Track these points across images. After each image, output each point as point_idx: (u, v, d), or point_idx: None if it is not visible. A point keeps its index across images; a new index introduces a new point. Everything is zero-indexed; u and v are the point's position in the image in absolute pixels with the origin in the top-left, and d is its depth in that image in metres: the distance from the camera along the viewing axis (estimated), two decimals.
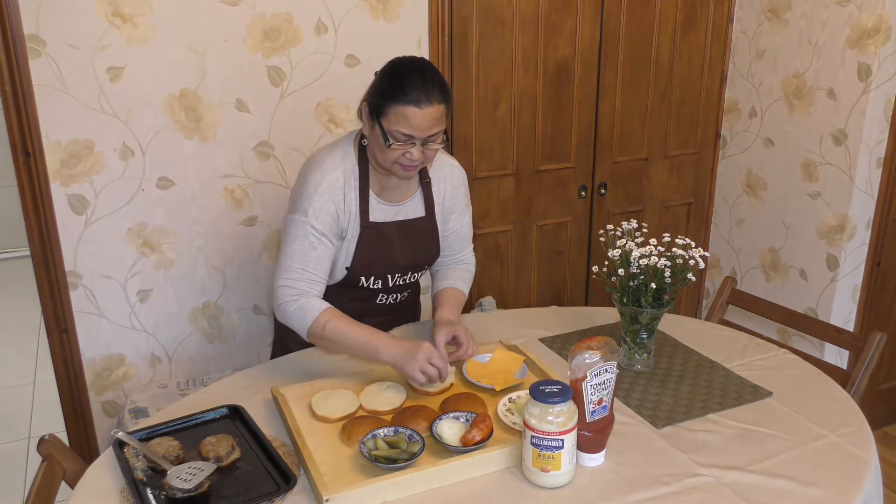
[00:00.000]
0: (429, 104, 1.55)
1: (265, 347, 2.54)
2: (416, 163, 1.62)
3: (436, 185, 1.82)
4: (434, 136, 1.60)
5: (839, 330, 2.05)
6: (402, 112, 1.55)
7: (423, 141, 1.59)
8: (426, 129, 1.57)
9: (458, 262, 1.93)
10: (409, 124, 1.56)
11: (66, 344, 2.25)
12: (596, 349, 1.38)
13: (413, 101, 1.54)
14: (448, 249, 1.90)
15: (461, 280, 1.89)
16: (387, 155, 1.61)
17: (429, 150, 1.62)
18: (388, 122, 1.58)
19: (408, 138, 1.58)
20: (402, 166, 1.63)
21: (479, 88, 2.65)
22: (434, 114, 1.57)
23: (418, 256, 1.84)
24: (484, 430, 1.41)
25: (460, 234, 1.89)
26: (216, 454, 1.39)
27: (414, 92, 1.55)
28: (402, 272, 1.83)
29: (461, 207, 1.88)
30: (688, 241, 1.73)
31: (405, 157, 1.60)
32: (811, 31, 2.70)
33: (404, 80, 1.56)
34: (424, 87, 1.55)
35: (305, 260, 1.67)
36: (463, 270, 1.92)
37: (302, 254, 1.67)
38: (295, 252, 1.67)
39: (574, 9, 2.72)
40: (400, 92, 1.55)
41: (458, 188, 1.85)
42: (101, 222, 2.21)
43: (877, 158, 2.65)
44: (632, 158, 3.03)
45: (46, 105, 2.06)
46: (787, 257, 2.93)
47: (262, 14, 2.24)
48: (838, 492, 1.34)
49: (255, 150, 2.35)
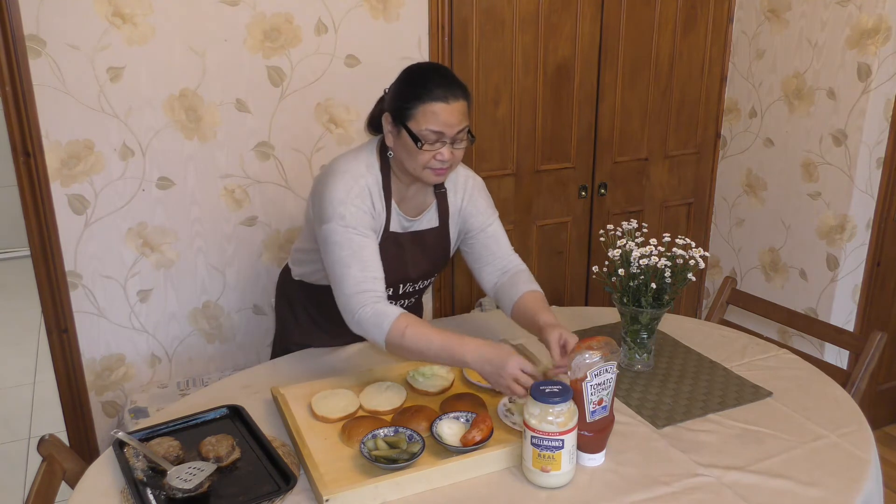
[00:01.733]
0: (455, 99, 1.56)
1: (265, 347, 2.54)
2: (447, 164, 1.60)
3: (451, 195, 1.80)
4: (461, 133, 1.59)
5: (839, 330, 2.05)
6: (431, 109, 1.55)
7: (451, 139, 1.58)
8: (455, 125, 1.57)
9: (513, 269, 1.82)
10: (438, 121, 1.55)
11: (66, 344, 2.25)
12: (596, 349, 1.39)
13: (440, 97, 1.55)
14: (491, 255, 1.81)
15: (530, 282, 1.77)
16: (418, 160, 1.59)
17: (457, 150, 1.61)
18: (416, 124, 1.57)
19: (438, 136, 1.57)
20: (434, 170, 1.61)
21: (479, 88, 2.65)
22: (461, 108, 1.57)
23: (429, 266, 1.82)
24: (484, 430, 1.41)
25: (497, 237, 1.82)
26: (216, 454, 1.39)
27: (438, 89, 1.55)
28: (413, 282, 1.82)
29: (485, 212, 1.82)
30: (688, 241, 1.73)
31: (436, 158, 1.59)
32: (811, 31, 2.70)
33: (426, 79, 1.57)
34: (447, 83, 1.57)
35: (361, 262, 1.59)
36: (524, 274, 1.80)
37: (355, 257, 1.59)
38: (346, 259, 1.59)
39: (574, 9, 2.72)
40: (424, 91, 1.56)
41: (477, 197, 1.82)
42: (101, 222, 2.21)
43: (877, 158, 2.65)
44: (632, 158, 3.03)
45: (46, 105, 2.06)
46: (787, 257, 2.93)
47: (262, 14, 2.24)
48: (838, 492, 1.34)
49: (255, 150, 2.35)
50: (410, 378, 1.68)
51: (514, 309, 1.74)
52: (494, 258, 1.82)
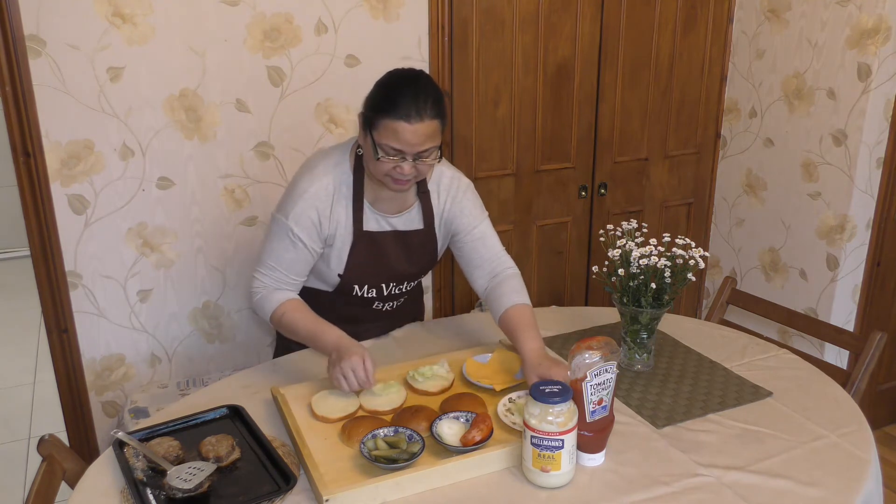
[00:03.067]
0: (419, 120, 1.51)
1: (265, 347, 2.54)
2: (408, 177, 1.59)
3: (435, 197, 1.78)
4: (426, 152, 1.56)
5: (839, 330, 2.05)
6: (392, 126, 1.52)
7: (413, 157, 1.56)
8: (416, 146, 1.53)
9: (502, 274, 1.79)
10: (398, 139, 1.53)
11: (66, 344, 2.25)
12: (596, 349, 1.38)
13: (403, 116, 1.51)
14: (480, 258, 1.79)
15: (517, 292, 1.74)
16: (377, 167, 1.59)
17: (421, 165, 1.58)
18: (378, 136, 1.55)
19: (397, 153, 1.54)
20: (394, 180, 1.60)
21: (479, 88, 2.65)
22: (424, 130, 1.53)
23: (413, 267, 1.81)
24: (484, 430, 1.41)
25: (484, 239, 1.79)
26: (216, 454, 1.39)
27: (404, 107, 1.51)
28: (398, 281, 1.81)
29: (471, 213, 1.78)
30: (688, 241, 1.73)
31: (396, 171, 1.58)
32: (811, 31, 2.70)
33: (396, 93, 1.53)
34: (416, 102, 1.51)
35: (279, 260, 1.71)
36: (512, 280, 1.77)
37: (277, 254, 1.71)
38: (272, 251, 1.71)
39: (574, 9, 2.72)
40: (391, 105, 1.52)
41: (461, 199, 1.78)
42: (101, 222, 2.21)
43: (877, 158, 2.65)
44: (632, 158, 3.03)
45: (46, 105, 2.06)
46: (787, 257, 2.93)
47: (262, 14, 2.24)
48: (838, 492, 1.34)
49: (255, 150, 2.35)
50: (410, 378, 1.68)
51: (500, 323, 1.74)
52: (483, 261, 1.80)
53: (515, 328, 1.66)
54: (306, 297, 1.86)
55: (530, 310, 1.72)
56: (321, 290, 1.83)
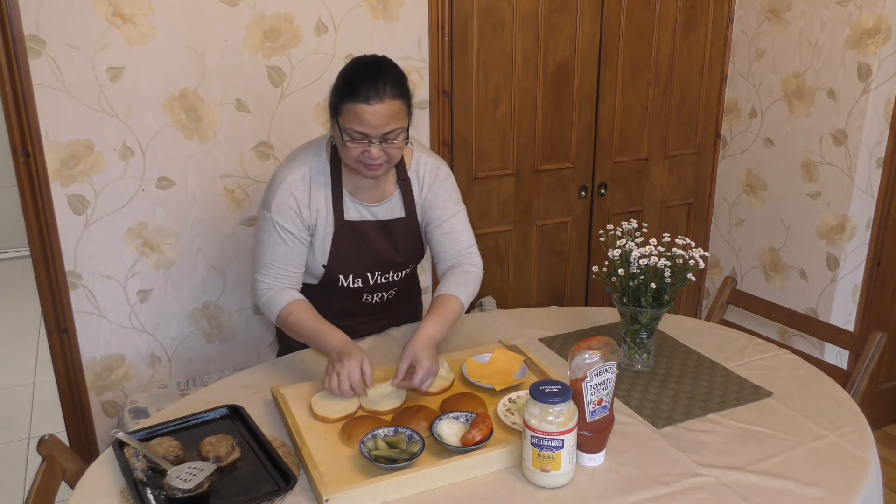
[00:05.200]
0: (379, 101, 1.54)
1: (265, 347, 2.54)
2: (378, 161, 1.60)
3: (415, 186, 1.79)
4: (391, 134, 1.58)
5: (839, 330, 2.05)
6: (353, 110, 1.55)
7: (380, 139, 1.57)
8: (379, 127, 1.56)
9: (460, 265, 1.81)
10: (360, 122, 1.55)
11: (66, 344, 2.24)
12: (596, 349, 1.38)
13: (363, 98, 1.54)
14: (444, 253, 1.82)
15: (457, 283, 1.76)
16: (347, 154, 1.61)
17: (390, 149, 1.60)
18: (343, 121, 1.58)
19: (362, 136, 1.57)
20: (365, 166, 1.61)
21: (479, 88, 2.65)
22: (386, 110, 1.55)
23: (398, 256, 1.82)
24: (484, 430, 1.41)
25: (452, 234, 1.80)
26: (216, 454, 1.39)
27: (364, 89, 1.54)
28: (383, 271, 1.82)
29: (445, 206, 1.79)
30: (688, 241, 1.73)
31: (364, 155, 1.59)
32: (811, 31, 2.70)
33: (356, 77, 1.56)
34: (375, 83, 1.54)
35: (274, 256, 1.73)
36: (461, 273, 1.79)
37: (270, 250, 1.73)
38: (264, 247, 1.74)
39: (574, 9, 2.72)
40: (351, 89, 1.55)
41: (437, 189, 1.78)
42: (101, 222, 2.21)
43: (877, 158, 2.65)
44: (632, 158, 3.03)
45: (46, 105, 2.06)
46: (787, 257, 2.93)
47: (262, 14, 2.24)
48: (838, 492, 1.34)
49: (255, 150, 2.35)
50: None
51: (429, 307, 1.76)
52: (447, 255, 1.82)
53: (430, 311, 1.71)
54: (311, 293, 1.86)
55: (456, 302, 1.74)
56: (309, 284, 1.84)
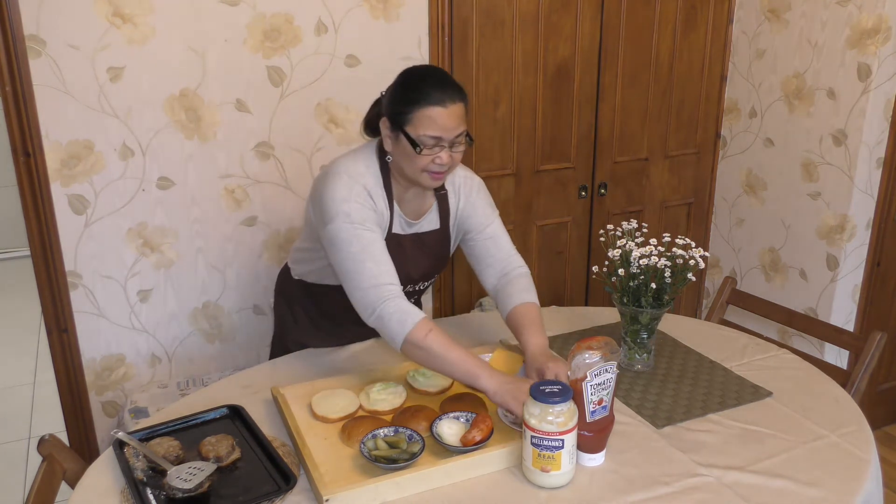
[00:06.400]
0: (452, 102, 1.56)
1: (265, 347, 2.54)
2: (445, 167, 1.60)
3: (451, 197, 1.80)
4: (460, 137, 1.59)
5: (839, 330, 2.05)
6: (428, 114, 1.54)
7: (450, 143, 1.58)
8: (453, 129, 1.56)
9: (512, 272, 1.80)
10: (435, 125, 1.55)
11: (66, 344, 2.24)
12: (596, 349, 1.39)
13: (437, 101, 1.54)
14: (491, 258, 1.80)
15: (526, 290, 1.75)
16: (416, 164, 1.59)
17: (455, 153, 1.61)
18: (413, 129, 1.56)
19: (436, 141, 1.56)
20: (431, 174, 1.60)
21: (479, 89, 2.65)
22: (458, 112, 1.57)
23: (430, 268, 1.82)
24: (484, 430, 1.41)
25: (496, 238, 1.80)
26: (216, 454, 1.39)
27: (435, 93, 1.55)
28: (414, 283, 1.82)
29: (484, 213, 1.80)
30: (688, 241, 1.73)
31: (434, 162, 1.58)
32: (811, 31, 2.70)
33: (423, 84, 1.57)
34: (443, 87, 1.56)
35: (373, 257, 1.57)
36: (520, 279, 1.78)
37: (366, 252, 1.57)
38: (357, 254, 1.57)
39: (574, 9, 2.72)
40: (421, 95, 1.55)
41: (474, 198, 1.81)
42: (101, 222, 2.21)
43: (877, 158, 2.65)
44: (632, 158, 3.03)
45: (46, 105, 2.06)
46: (787, 257, 2.93)
47: (262, 14, 2.24)
48: (838, 492, 1.34)
49: (255, 150, 2.35)
50: (410, 378, 1.68)
51: (507, 320, 1.74)
52: (494, 260, 1.81)
53: (521, 324, 1.68)
54: (315, 293, 1.86)
55: (537, 308, 1.73)
56: (328, 286, 1.81)
